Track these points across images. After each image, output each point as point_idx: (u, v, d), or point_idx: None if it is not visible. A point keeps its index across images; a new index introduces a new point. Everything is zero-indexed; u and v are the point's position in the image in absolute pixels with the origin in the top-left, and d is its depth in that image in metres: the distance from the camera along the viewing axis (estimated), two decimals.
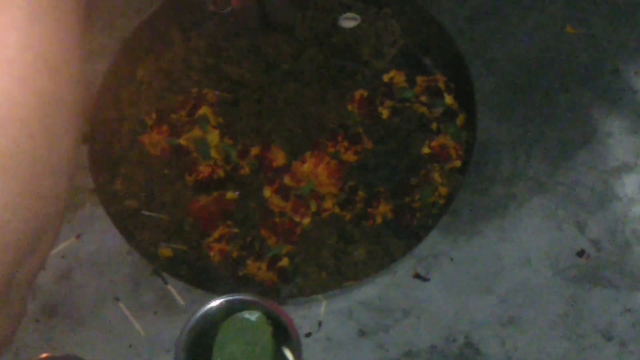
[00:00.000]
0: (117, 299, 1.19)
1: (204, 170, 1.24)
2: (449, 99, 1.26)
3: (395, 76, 1.28)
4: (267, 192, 1.22)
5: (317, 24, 1.34)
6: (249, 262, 1.18)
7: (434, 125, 1.25)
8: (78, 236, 1.24)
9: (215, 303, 1.02)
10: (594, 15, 1.36)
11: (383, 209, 1.20)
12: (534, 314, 1.16)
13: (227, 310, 1.03)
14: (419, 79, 1.27)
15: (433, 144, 1.23)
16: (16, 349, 1.19)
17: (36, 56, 0.70)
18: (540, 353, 1.13)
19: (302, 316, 1.15)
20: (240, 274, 1.17)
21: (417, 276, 1.18)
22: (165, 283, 1.20)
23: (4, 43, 0.68)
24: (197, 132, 1.26)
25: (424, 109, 1.26)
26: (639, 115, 1.29)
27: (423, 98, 1.26)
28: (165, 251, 1.19)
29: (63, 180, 0.75)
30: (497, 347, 1.14)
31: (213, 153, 1.24)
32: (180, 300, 1.19)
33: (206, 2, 1.34)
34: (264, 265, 1.17)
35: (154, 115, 1.28)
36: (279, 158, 1.24)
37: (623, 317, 1.14)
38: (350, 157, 1.23)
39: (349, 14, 1.35)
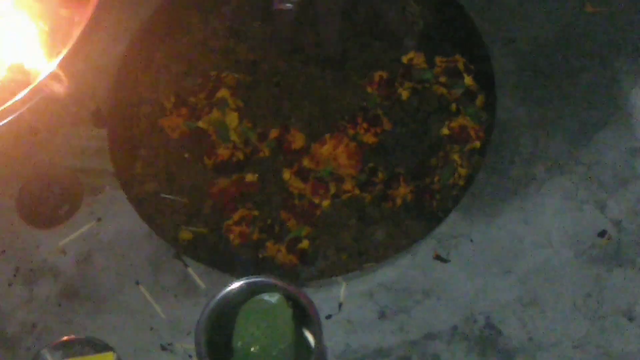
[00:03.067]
0: (138, 282, 1.20)
1: (223, 153, 1.24)
2: (468, 80, 1.26)
3: (415, 57, 1.28)
4: (286, 175, 1.22)
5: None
6: (268, 244, 1.18)
7: (453, 107, 1.25)
8: (99, 219, 1.25)
9: (235, 285, 1.02)
10: None
11: (403, 191, 1.20)
12: (554, 295, 1.16)
13: (248, 293, 1.03)
14: (438, 60, 1.28)
15: (452, 125, 1.23)
16: (38, 332, 1.21)
17: None
18: (561, 334, 1.13)
19: (322, 298, 1.15)
20: (260, 256, 1.18)
21: (437, 257, 1.18)
22: (186, 266, 1.20)
23: None
24: (216, 114, 1.26)
25: (443, 90, 1.26)
26: None
27: (442, 79, 1.27)
28: (185, 234, 1.20)
29: None
30: (518, 328, 1.14)
31: (232, 136, 1.25)
32: (201, 283, 1.19)
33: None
34: (283, 248, 1.18)
35: (172, 99, 1.29)
36: (298, 140, 1.24)
37: None
38: (369, 138, 1.24)
39: None
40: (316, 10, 1.30)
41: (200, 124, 1.26)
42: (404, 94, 1.26)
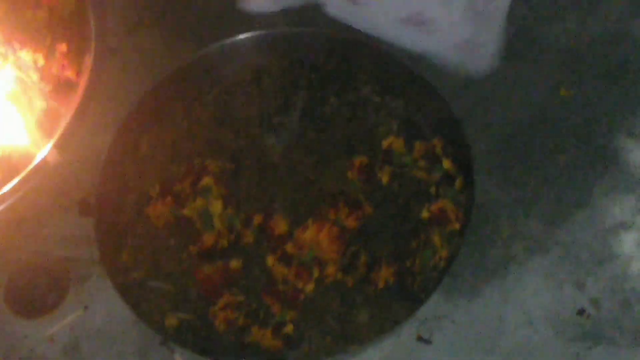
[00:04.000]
0: None
1: (208, 240, 1.24)
2: (446, 163, 1.26)
3: (394, 142, 1.29)
4: (270, 260, 1.22)
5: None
6: (254, 329, 1.18)
7: (432, 190, 1.25)
8: (86, 307, 1.26)
9: None
10: (587, 77, 1.38)
11: (385, 273, 1.20)
12: None
13: None
14: (417, 145, 1.28)
15: (432, 207, 1.24)
16: None
17: None
18: None
19: None
20: (246, 341, 1.18)
21: (420, 339, 1.20)
22: (172, 352, 1.21)
23: None
24: (200, 202, 1.26)
25: (422, 174, 1.26)
26: (633, 175, 1.30)
27: (421, 163, 1.27)
28: (172, 321, 1.20)
29: None
30: None
31: (216, 223, 1.25)
32: None
33: None
34: (269, 332, 1.18)
35: (157, 187, 1.29)
36: (281, 226, 1.24)
37: None
38: (351, 222, 1.23)
39: None
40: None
41: (185, 211, 1.26)
42: (384, 178, 1.27)
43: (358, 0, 1.38)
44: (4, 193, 1.23)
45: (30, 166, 1.25)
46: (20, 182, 1.24)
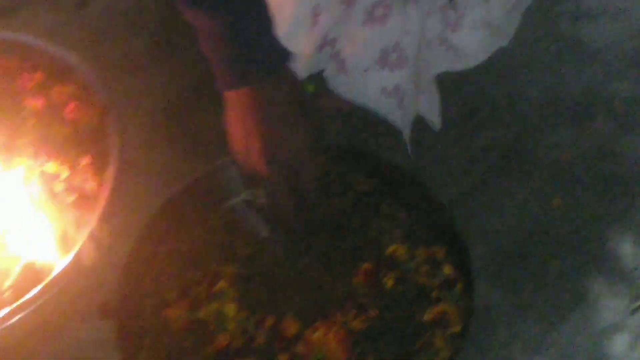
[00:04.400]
0: None
1: (222, 340, 1.26)
2: (447, 269, 1.27)
3: (398, 249, 1.30)
4: None
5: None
6: None
7: (434, 294, 1.26)
8: None
9: None
10: (577, 189, 1.41)
11: None
12: None
13: None
14: (419, 251, 1.30)
15: (434, 311, 1.24)
16: None
17: None
18: None
19: None
20: None
21: None
22: None
23: None
24: (215, 305, 1.26)
25: (424, 279, 1.27)
26: (624, 279, 1.32)
27: (424, 268, 1.29)
28: None
29: None
30: None
31: (230, 325, 1.26)
32: None
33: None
34: None
35: (175, 292, 1.31)
36: (291, 328, 1.26)
37: None
38: (357, 325, 1.24)
39: None
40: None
41: (201, 314, 1.26)
42: (388, 283, 1.27)
43: (346, 71, 1.43)
44: (27, 300, 1.25)
45: (53, 274, 1.28)
46: (42, 289, 1.26)
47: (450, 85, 1.45)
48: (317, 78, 1.46)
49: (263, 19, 1.24)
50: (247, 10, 1.22)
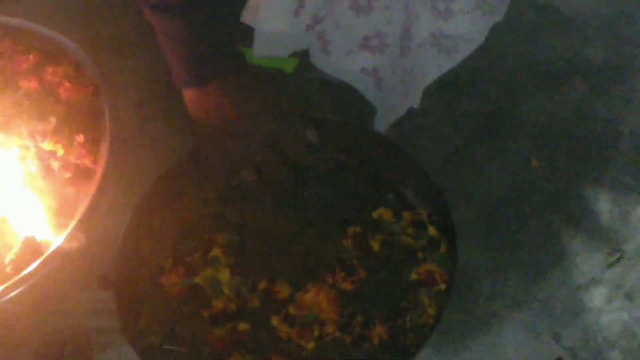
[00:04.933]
0: None
1: (218, 305, 1.28)
2: (432, 230, 1.31)
3: (384, 213, 1.35)
4: (274, 322, 1.26)
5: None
6: None
7: (420, 254, 1.30)
8: None
9: None
10: (556, 150, 1.44)
11: (379, 331, 1.23)
12: None
13: None
14: (405, 214, 1.34)
15: (420, 270, 1.28)
16: None
17: None
18: None
19: None
20: None
21: None
22: None
23: None
24: (210, 272, 1.30)
25: (410, 240, 1.31)
26: (601, 236, 1.35)
27: (409, 230, 1.32)
28: None
29: None
30: None
31: (225, 289, 1.29)
32: None
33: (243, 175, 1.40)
34: None
35: (170, 260, 1.33)
36: (284, 290, 1.28)
37: None
38: (347, 286, 1.28)
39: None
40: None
41: (197, 280, 1.30)
42: (376, 246, 1.31)
43: (329, 52, 1.46)
44: (29, 273, 1.27)
45: (52, 248, 1.29)
46: (43, 263, 1.28)
47: None
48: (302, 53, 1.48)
49: (222, 25, 1.29)
50: (207, 14, 1.27)
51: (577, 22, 1.53)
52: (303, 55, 1.50)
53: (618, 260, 1.33)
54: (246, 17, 1.37)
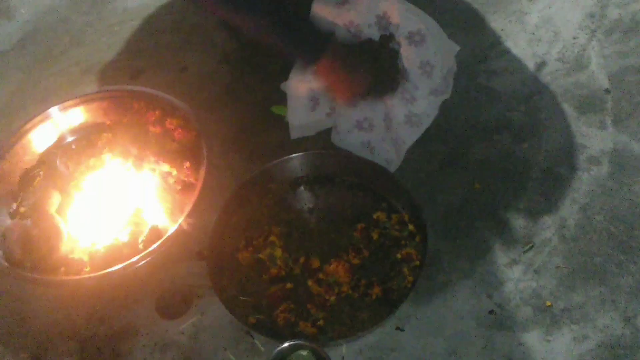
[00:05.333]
0: (225, 349, 1.26)
1: (273, 272, 1.30)
2: (411, 227, 1.32)
3: (380, 215, 1.35)
4: (309, 283, 1.28)
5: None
6: (300, 323, 1.23)
7: (402, 242, 1.31)
8: (202, 313, 1.30)
9: (283, 346, 1.13)
10: (490, 177, 1.42)
11: (376, 290, 1.26)
12: (472, 353, 1.22)
13: (290, 349, 1.14)
14: (394, 216, 1.34)
15: (402, 252, 1.30)
16: None
17: None
18: None
19: (332, 354, 1.19)
20: (296, 330, 1.23)
21: (398, 328, 1.25)
22: (252, 338, 1.26)
23: None
24: (268, 250, 1.32)
25: (396, 233, 1.32)
26: (520, 232, 1.33)
27: (396, 227, 1.33)
28: (252, 319, 1.25)
29: None
30: None
31: (278, 262, 1.30)
32: (261, 347, 1.25)
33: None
34: (309, 325, 1.23)
35: (243, 242, 1.35)
36: (315, 263, 1.30)
37: None
38: (356, 261, 1.29)
39: None
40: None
41: (260, 255, 1.31)
42: (374, 236, 1.32)
43: (338, 132, 1.45)
44: (153, 249, 1.30)
45: (168, 233, 1.32)
46: (162, 242, 1.30)
47: None
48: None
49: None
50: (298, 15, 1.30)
51: (505, 96, 1.51)
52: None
53: (530, 248, 1.32)
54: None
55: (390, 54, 1.34)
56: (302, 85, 1.36)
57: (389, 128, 1.40)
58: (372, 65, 1.34)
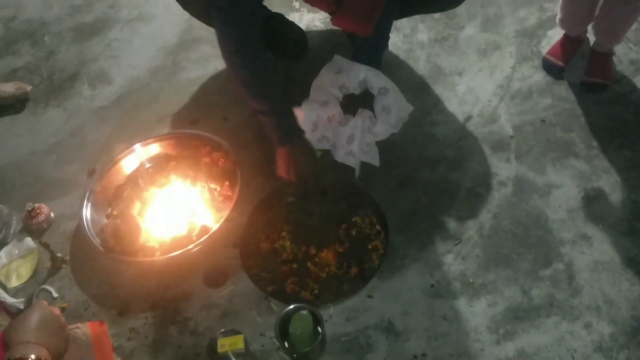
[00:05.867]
0: (250, 309, 1.25)
1: (284, 256, 1.29)
2: (377, 227, 1.30)
3: (357, 219, 1.32)
4: (309, 264, 1.27)
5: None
6: (302, 292, 1.23)
7: (372, 237, 1.29)
8: (234, 284, 1.28)
9: (290, 308, 1.12)
10: (433, 193, 1.38)
11: (355, 270, 1.25)
12: (421, 311, 1.19)
13: (295, 310, 1.12)
14: (366, 220, 1.32)
15: (372, 244, 1.28)
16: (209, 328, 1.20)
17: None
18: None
19: (324, 313, 1.20)
20: (299, 297, 1.22)
21: (369, 296, 1.24)
22: (269, 302, 1.25)
23: None
24: (281, 242, 1.31)
25: (368, 231, 1.30)
26: (452, 232, 1.30)
27: (368, 226, 1.31)
28: (270, 288, 1.25)
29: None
30: (404, 324, 1.18)
31: (288, 249, 1.29)
32: (275, 308, 1.24)
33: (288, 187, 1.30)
34: (308, 293, 1.23)
35: (263, 237, 1.33)
36: (313, 251, 1.28)
37: None
38: (340, 250, 1.29)
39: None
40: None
41: (275, 245, 1.30)
42: (353, 233, 1.30)
43: (335, 147, 1.41)
44: (203, 240, 1.28)
45: (212, 230, 1.30)
46: (209, 236, 1.29)
47: (383, 149, 1.42)
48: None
49: (288, 118, 1.27)
50: (285, 115, 1.26)
51: (442, 139, 1.49)
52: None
53: (459, 243, 1.30)
54: None
55: (367, 98, 1.38)
56: (310, 113, 1.37)
57: (361, 136, 1.40)
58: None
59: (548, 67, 1.58)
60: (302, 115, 1.36)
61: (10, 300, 1.25)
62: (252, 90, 1.21)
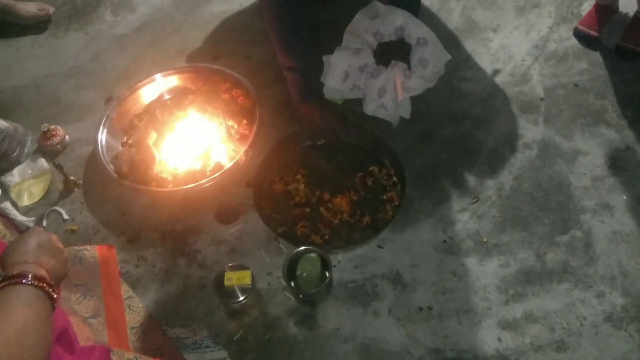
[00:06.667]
0: (259, 248, 1.23)
1: (297, 199, 1.26)
2: (394, 178, 1.27)
3: (374, 168, 1.29)
4: (321, 209, 1.24)
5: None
6: (312, 235, 1.21)
7: (388, 188, 1.26)
8: (246, 222, 1.26)
9: (299, 249, 1.10)
10: (454, 149, 1.33)
11: (367, 219, 1.23)
12: (430, 266, 1.17)
13: (304, 252, 1.10)
14: (383, 170, 1.29)
15: (387, 195, 1.25)
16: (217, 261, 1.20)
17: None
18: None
19: (332, 258, 1.18)
20: (309, 240, 1.21)
21: (379, 246, 1.21)
22: (278, 242, 1.23)
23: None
24: (295, 184, 1.28)
25: (384, 182, 1.27)
26: (470, 189, 1.27)
27: (385, 177, 1.28)
28: (280, 230, 1.23)
29: None
30: (408, 275, 1.16)
31: (301, 193, 1.27)
32: (284, 249, 1.22)
33: (315, 138, 1.28)
34: (318, 237, 1.21)
35: (277, 178, 1.30)
36: (326, 196, 1.26)
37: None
38: (355, 197, 1.26)
39: None
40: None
41: (289, 187, 1.27)
42: (369, 182, 1.27)
43: (366, 100, 1.32)
44: (216, 176, 1.25)
45: (227, 166, 1.27)
46: (222, 173, 1.26)
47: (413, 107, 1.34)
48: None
49: (316, 77, 1.22)
50: (313, 74, 1.21)
51: (469, 96, 1.44)
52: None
53: (476, 201, 1.27)
54: (323, 78, 1.31)
55: (403, 48, 1.27)
56: (341, 61, 1.27)
57: (395, 92, 1.32)
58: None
59: (581, 37, 1.48)
60: (333, 63, 1.27)
61: (20, 218, 1.23)
62: (287, 45, 1.18)
